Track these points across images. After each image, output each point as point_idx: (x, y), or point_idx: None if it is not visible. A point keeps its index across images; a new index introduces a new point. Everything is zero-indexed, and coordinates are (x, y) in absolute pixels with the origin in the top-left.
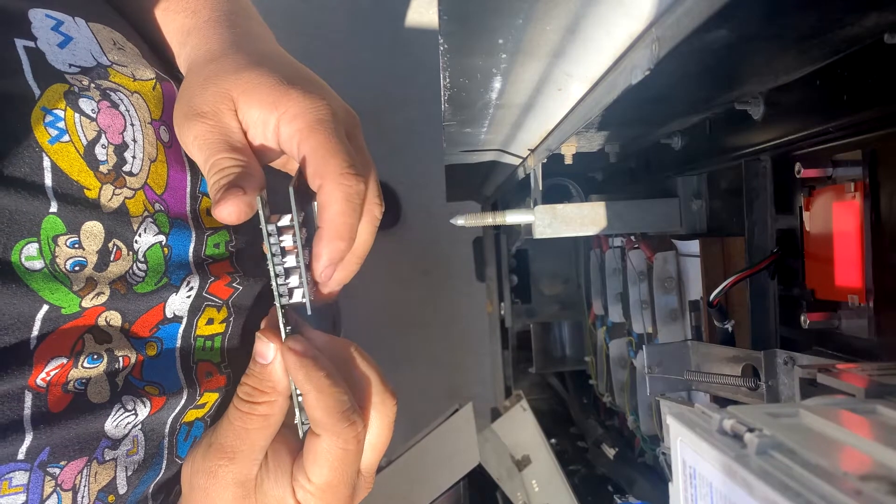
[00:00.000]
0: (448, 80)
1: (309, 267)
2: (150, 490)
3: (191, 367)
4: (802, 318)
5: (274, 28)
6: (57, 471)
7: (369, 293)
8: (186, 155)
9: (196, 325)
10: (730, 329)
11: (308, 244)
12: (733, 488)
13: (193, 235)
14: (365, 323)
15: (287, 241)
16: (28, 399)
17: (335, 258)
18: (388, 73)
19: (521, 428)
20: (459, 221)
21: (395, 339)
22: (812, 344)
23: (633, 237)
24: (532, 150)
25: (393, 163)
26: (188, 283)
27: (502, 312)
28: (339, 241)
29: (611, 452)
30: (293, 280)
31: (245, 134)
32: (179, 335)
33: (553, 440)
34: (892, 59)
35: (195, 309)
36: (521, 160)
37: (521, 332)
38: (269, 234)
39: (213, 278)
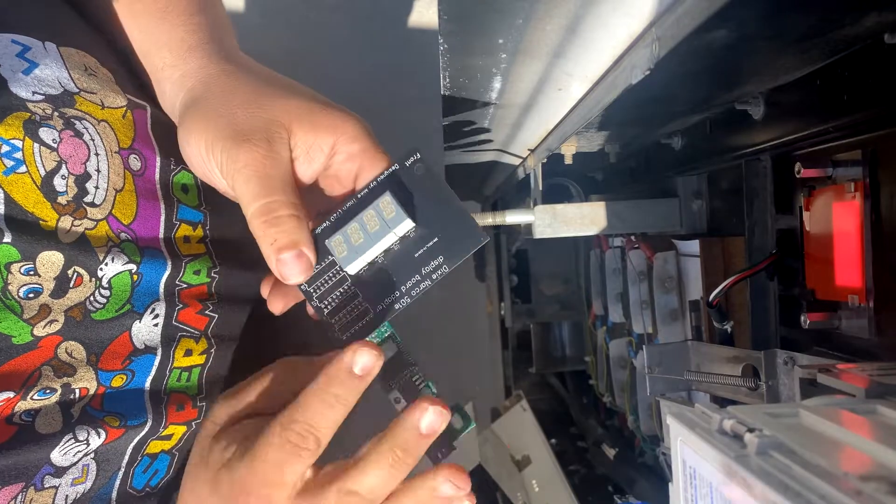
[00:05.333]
0: (448, 80)
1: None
2: None
3: (161, 399)
4: (802, 318)
5: (274, 28)
6: None
7: None
8: (161, 183)
9: (173, 357)
10: (729, 330)
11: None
12: (733, 488)
13: (169, 264)
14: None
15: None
16: None
17: None
18: (388, 73)
19: (521, 428)
20: None
21: None
22: (812, 344)
23: (633, 237)
24: (532, 150)
25: None
26: (152, 310)
27: (502, 312)
28: None
29: (611, 452)
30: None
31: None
32: (154, 367)
33: (553, 440)
34: (892, 59)
35: (168, 339)
36: (521, 160)
37: (521, 332)
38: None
39: (181, 306)
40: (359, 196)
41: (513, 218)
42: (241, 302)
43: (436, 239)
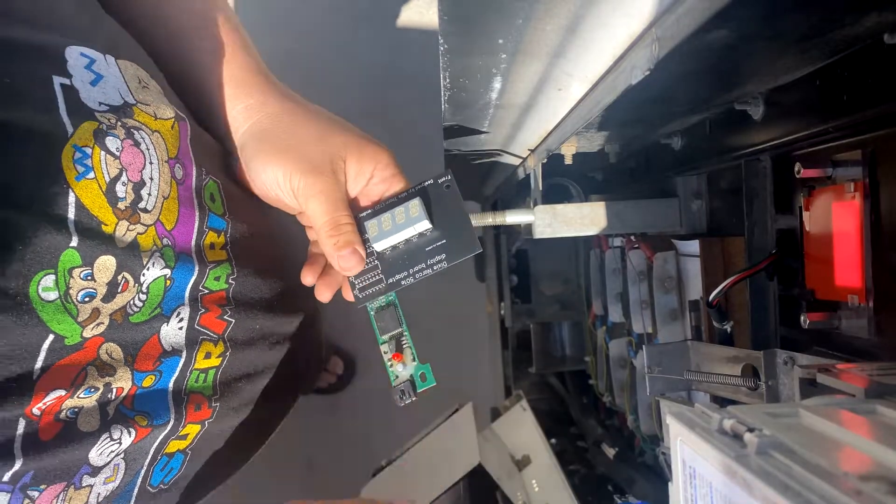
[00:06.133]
0: (448, 80)
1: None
2: None
3: (182, 399)
4: (802, 318)
5: (274, 28)
6: (36, 494)
7: None
8: (196, 192)
9: (195, 360)
10: (729, 330)
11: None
12: (733, 488)
13: (196, 269)
14: (365, 323)
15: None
16: (21, 426)
17: None
18: (388, 73)
19: (521, 428)
20: None
21: None
22: (812, 344)
23: (633, 237)
24: (532, 150)
25: None
26: (178, 314)
27: (502, 312)
28: None
29: (611, 452)
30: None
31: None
32: (178, 368)
33: (553, 440)
34: (891, 59)
35: (192, 342)
36: (521, 160)
37: (521, 332)
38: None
39: (203, 310)
40: (398, 197)
41: (513, 218)
42: (254, 307)
43: (444, 241)
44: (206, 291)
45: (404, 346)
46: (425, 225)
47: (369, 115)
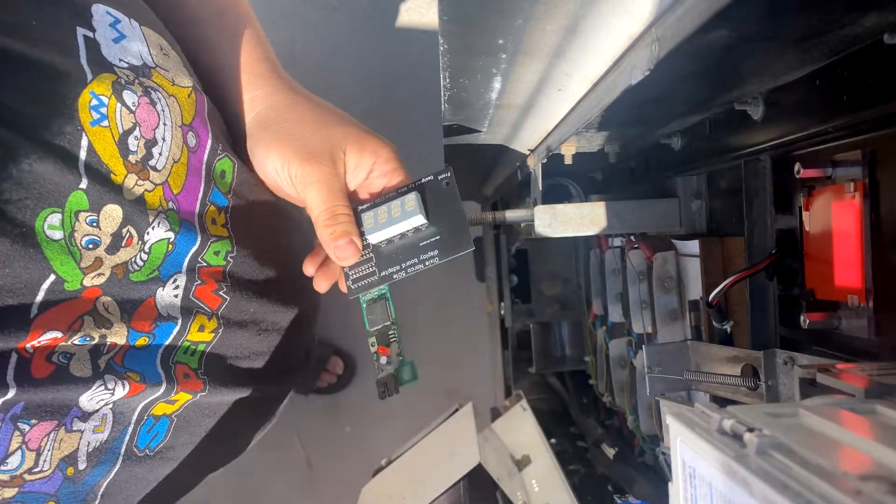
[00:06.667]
0: (448, 80)
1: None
2: (104, 486)
3: (169, 367)
4: (802, 318)
5: (273, 28)
6: (27, 427)
7: None
8: (207, 164)
9: (189, 330)
10: (728, 330)
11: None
12: (733, 488)
13: (199, 239)
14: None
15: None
16: (13, 359)
17: None
18: (388, 73)
19: (521, 428)
20: None
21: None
22: (812, 344)
23: (632, 237)
24: (532, 150)
25: None
26: (174, 280)
27: (502, 312)
28: None
29: (611, 452)
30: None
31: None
32: (172, 335)
33: (553, 440)
34: (891, 59)
35: (187, 311)
36: (521, 160)
37: (521, 332)
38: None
39: (199, 282)
40: (398, 191)
41: (512, 217)
42: (249, 289)
43: (438, 237)
44: (205, 264)
45: (391, 341)
46: (420, 220)
47: (369, 114)
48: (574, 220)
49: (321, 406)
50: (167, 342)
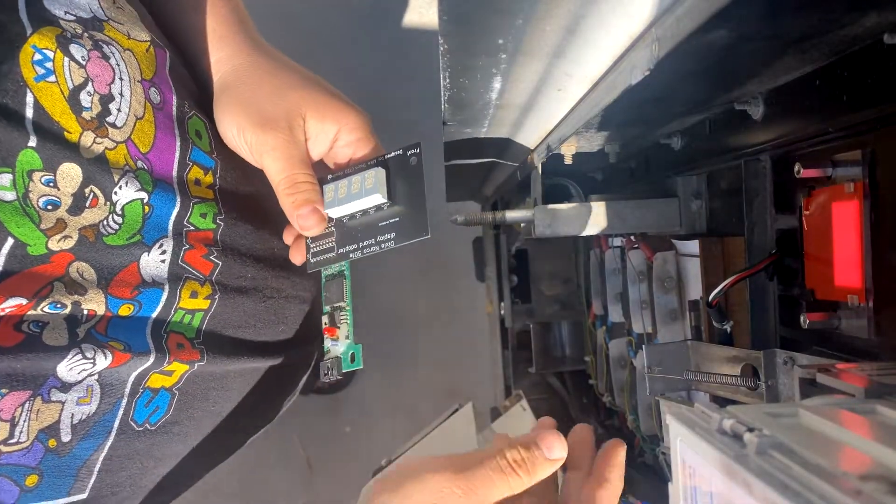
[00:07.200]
0: (448, 80)
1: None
2: (99, 461)
3: (161, 336)
4: (802, 318)
5: (273, 28)
6: None
7: (370, 293)
8: (178, 122)
9: (179, 297)
10: (728, 330)
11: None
12: (733, 488)
13: (178, 201)
14: (365, 323)
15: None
16: None
17: None
18: (388, 73)
19: (521, 428)
20: (459, 219)
21: (395, 339)
22: (812, 344)
23: (632, 237)
24: (532, 150)
25: None
26: (160, 245)
27: (502, 312)
28: None
29: None
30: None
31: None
32: (161, 302)
33: None
34: (891, 59)
35: (175, 277)
36: (520, 160)
37: (521, 332)
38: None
39: (188, 246)
40: (367, 163)
41: (512, 217)
42: (244, 255)
43: (396, 219)
44: (192, 228)
45: (340, 322)
46: (379, 199)
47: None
48: (574, 220)
49: (321, 406)
50: (157, 310)
